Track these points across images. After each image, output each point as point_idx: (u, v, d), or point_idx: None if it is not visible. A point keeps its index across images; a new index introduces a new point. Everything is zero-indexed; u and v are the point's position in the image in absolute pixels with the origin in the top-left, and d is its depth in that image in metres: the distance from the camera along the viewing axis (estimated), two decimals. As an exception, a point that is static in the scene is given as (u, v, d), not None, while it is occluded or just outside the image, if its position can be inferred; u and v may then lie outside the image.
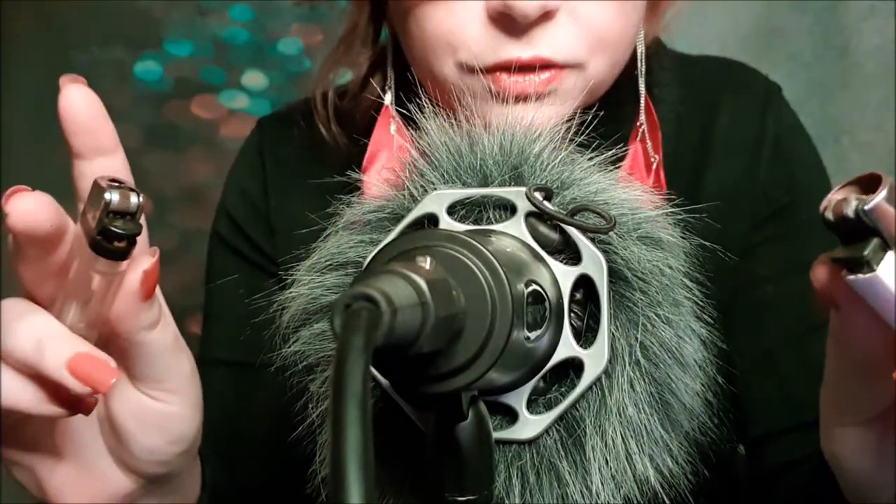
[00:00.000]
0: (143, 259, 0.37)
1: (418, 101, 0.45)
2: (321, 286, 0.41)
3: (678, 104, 0.62)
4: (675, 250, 0.39)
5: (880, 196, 0.28)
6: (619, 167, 0.42)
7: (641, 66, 0.57)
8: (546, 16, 0.49)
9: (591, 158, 0.41)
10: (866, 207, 0.28)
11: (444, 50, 0.51)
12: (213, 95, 1.38)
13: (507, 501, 0.38)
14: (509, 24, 0.49)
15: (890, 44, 1.33)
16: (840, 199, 0.30)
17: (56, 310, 0.37)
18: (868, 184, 0.30)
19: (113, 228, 0.34)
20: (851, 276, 0.29)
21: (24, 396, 0.36)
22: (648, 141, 0.55)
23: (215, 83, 1.38)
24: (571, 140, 0.42)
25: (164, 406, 0.41)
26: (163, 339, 0.39)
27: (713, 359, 0.40)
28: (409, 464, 0.40)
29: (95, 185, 0.35)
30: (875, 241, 0.29)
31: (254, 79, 1.36)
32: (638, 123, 0.56)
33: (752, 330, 0.59)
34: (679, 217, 0.41)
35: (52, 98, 0.36)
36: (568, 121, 0.42)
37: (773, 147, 0.62)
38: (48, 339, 0.35)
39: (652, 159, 0.55)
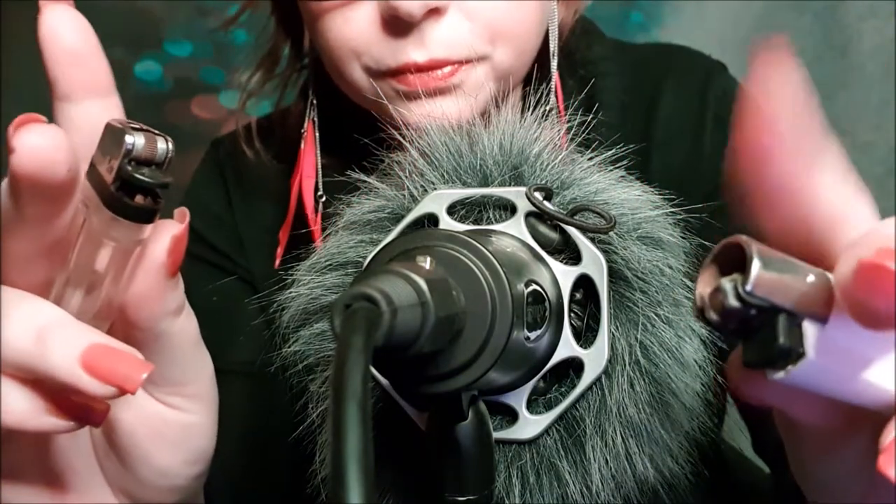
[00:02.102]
0: (168, 223, 0.30)
1: (343, 112, 0.46)
2: (321, 286, 0.41)
3: (621, 93, 0.62)
4: (675, 250, 0.39)
5: (756, 267, 0.22)
6: None
7: (554, 51, 0.57)
8: (435, 13, 0.49)
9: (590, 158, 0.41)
10: (748, 287, 0.22)
11: (349, 57, 0.52)
12: (214, 95, 1.38)
13: (507, 501, 0.38)
14: (401, 25, 0.49)
15: (890, 44, 1.33)
16: (713, 292, 0.24)
17: (52, 299, 0.29)
18: (727, 258, 0.24)
19: (138, 177, 0.26)
20: (780, 374, 0.23)
21: (15, 407, 0.28)
22: (557, 122, 0.56)
23: (215, 83, 1.38)
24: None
25: (184, 416, 0.34)
26: (188, 328, 0.33)
27: (713, 359, 0.40)
28: (409, 464, 0.40)
29: (109, 128, 0.27)
30: (783, 319, 0.23)
31: (254, 79, 1.36)
32: (548, 108, 0.56)
33: None
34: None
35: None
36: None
37: (716, 121, 0.62)
38: (51, 329, 0.27)
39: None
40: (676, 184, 0.42)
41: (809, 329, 0.23)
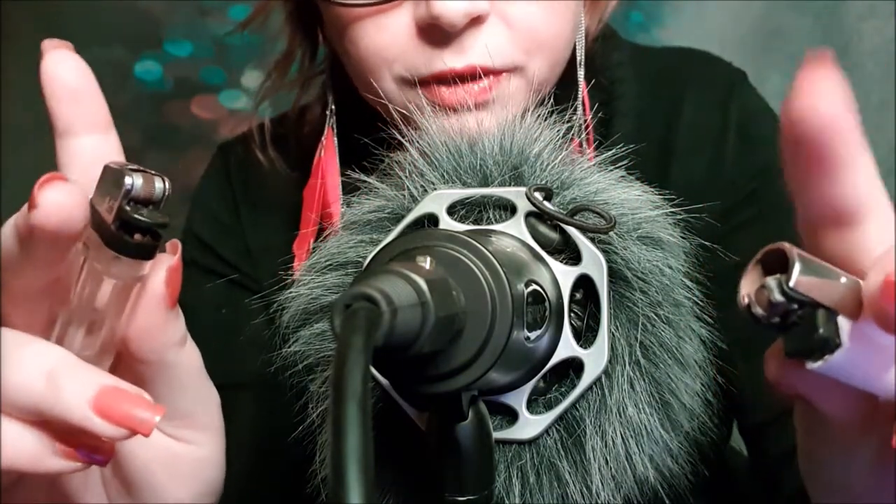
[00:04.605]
0: (164, 257, 0.31)
1: (360, 122, 0.45)
2: (321, 286, 0.41)
3: (638, 99, 0.61)
4: (675, 250, 0.39)
5: (797, 265, 0.25)
6: None
7: (580, 60, 0.56)
8: (476, 21, 0.48)
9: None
10: (791, 283, 0.25)
11: (380, 66, 0.51)
12: (214, 95, 1.38)
13: (506, 501, 0.38)
14: (439, 34, 0.48)
15: (890, 44, 1.33)
16: (759, 289, 0.27)
17: (55, 339, 0.30)
18: (769, 262, 0.27)
19: (137, 217, 0.28)
20: (818, 363, 0.26)
21: (24, 450, 0.28)
22: (584, 135, 0.55)
23: (215, 83, 1.38)
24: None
25: (194, 449, 0.35)
26: (193, 358, 0.34)
27: (713, 359, 0.40)
28: (409, 464, 0.40)
29: (108, 169, 0.29)
30: (822, 313, 0.26)
31: (254, 79, 1.36)
32: (574, 118, 0.55)
33: (734, 319, 0.58)
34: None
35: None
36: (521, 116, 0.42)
37: (737, 135, 0.61)
38: (61, 371, 0.28)
39: (585, 154, 0.54)
40: (696, 194, 0.43)
41: (844, 324, 0.26)
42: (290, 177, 0.65)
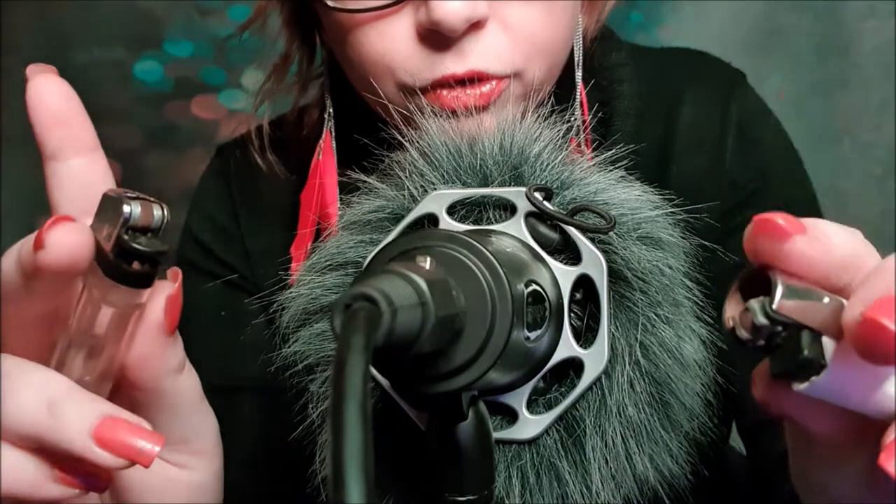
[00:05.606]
0: (164, 284, 0.31)
1: (359, 123, 0.45)
2: (321, 286, 0.41)
3: (637, 99, 0.61)
4: (675, 250, 0.39)
5: (780, 288, 0.26)
6: None
7: (578, 61, 0.56)
8: (475, 26, 0.48)
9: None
10: (774, 306, 0.25)
11: (383, 72, 0.51)
12: (214, 96, 1.38)
13: (507, 501, 0.38)
14: (439, 39, 0.48)
15: (890, 44, 1.33)
16: (743, 312, 0.27)
17: (55, 364, 0.30)
18: (751, 285, 0.27)
19: (135, 246, 0.28)
20: (804, 385, 0.26)
21: (23, 477, 0.28)
22: (582, 135, 0.55)
23: (215, 83, 1.38)
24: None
25: (190, 474, 0.36)
26: (191, 384, 0.34)
27: (713, 358, 0.40)
28: (409, 464, 0.40)
29: (107, 198, 0.29)
30: (806, 335, 0.26)
31: (254, 79, 1.36)
32: (573, 119, 0.55)
33: None
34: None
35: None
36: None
37: (737, 135, 0.61)
38: (63, 401, 0.28)
39: (583, 154, 0.54)
40: (695, 195, 0.42)
41: (829, 345, 0.26)
42: (288, 179, 0.65)
